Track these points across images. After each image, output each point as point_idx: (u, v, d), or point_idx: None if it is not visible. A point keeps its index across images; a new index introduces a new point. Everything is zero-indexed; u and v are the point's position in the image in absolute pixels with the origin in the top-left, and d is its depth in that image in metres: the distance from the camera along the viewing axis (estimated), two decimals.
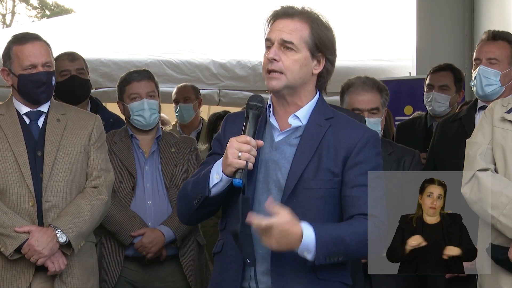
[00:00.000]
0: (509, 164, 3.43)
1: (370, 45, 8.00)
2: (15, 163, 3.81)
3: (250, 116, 2.80)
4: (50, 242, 3.73)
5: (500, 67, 4.25)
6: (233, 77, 7.42)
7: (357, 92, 4.04)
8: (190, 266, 4.47)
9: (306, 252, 2.69)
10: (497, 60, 4.25)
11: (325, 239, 2.70)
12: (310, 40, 2.84)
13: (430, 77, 5.31)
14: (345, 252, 2.73)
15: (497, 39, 4.29)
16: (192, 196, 2.88)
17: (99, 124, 4.04)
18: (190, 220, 3.05)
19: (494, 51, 4.27)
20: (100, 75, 7.08)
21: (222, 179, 2.80)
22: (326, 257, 2.70)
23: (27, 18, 32.27)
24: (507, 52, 4.27)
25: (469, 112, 4.41)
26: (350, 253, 2.75)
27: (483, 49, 4.31)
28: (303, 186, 2.81)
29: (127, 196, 4.44)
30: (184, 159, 4.55)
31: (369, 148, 2.85)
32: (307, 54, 2.85)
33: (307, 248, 2.69)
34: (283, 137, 2.89)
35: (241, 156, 2.73)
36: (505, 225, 3.37)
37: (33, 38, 3.92)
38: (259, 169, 2.84)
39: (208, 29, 8.23)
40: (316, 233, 2.69)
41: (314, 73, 2.89)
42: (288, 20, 2.85)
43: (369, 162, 2.84)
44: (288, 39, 2.82)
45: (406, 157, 4.16)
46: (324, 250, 2.69)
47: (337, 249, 2.71)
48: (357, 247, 2.75)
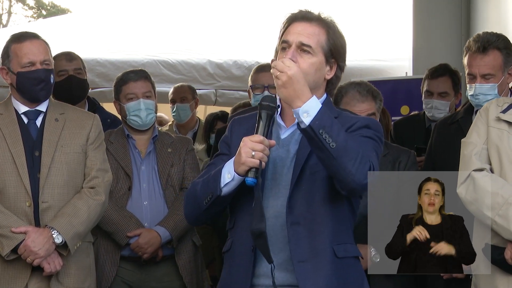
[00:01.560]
0: (504, 164, 3.44)
1: (366, 45, 7.99)
2: (13, 163, 3.82)
3: (263, 116, 2.82)
4: (46, 243, 3.73)
5: (496, 79, 4.08)
6: (229, 77, 7.41)
7: (353, 104, 4.01)
8: (186, 266, 4.47)
9: (306, 115, 2.70)
10: (491, 74, 4.07)
11: (328, 116, 2.72)
12: (326, 45, 2.90)
13: (429, 83, 5.22)
14: (338, 142, 2.69)
15: (487, 50, 4.05)
16: (202, 196, 2.90)
17: (98, 124, 4.04)
18: (198, 220, 3.06)
19: (487, 65, 4.05)
20: (96, 75, 7.07)
21: (234, 178, 2.83)
22: (321, 128, 2.69)
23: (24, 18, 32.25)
24: (499, 61, 4.08)
25: (466, 114, 4.38)
26: (342, 149, 2.70)
27: (474, 63, 4.08)
28: (309, 172, 2.85)
29: (123, 196, 4.44)
30: (181, 159, 4.55)
31: (366, 130, 2.88)
32: (322, 59, 2.90)
33: (309, 110, 2.70)
34: (289, 133, 2.93)
35: (255, 155, 2.76)
36: (500, 226, 3.37)
37: (32, 37, 3.94)
38: (267, 167, 2.87)
39: (204, 29, 8.22)
40: (323, 107, 2.73)
41: (326, 78, 2.95)
42: (307, 24, 2.90)
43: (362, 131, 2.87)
44: (306, 42, 2.87)
45: (402, 158, 4.15)
46: (322, 121, 2.69)
47: (335, 132, 2.70)
48: (348, 151, 2.70)
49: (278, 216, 2.85)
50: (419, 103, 5.52)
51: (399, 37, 7.92)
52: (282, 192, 2.87)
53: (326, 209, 2.85)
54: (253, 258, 2.85)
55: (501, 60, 4.08)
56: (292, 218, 2.83)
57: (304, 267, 2.81)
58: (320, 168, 2.82)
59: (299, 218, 2.84)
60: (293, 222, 2.83)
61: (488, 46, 4.06)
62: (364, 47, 7.89)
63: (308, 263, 2.81)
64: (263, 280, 2.86)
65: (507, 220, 3.34)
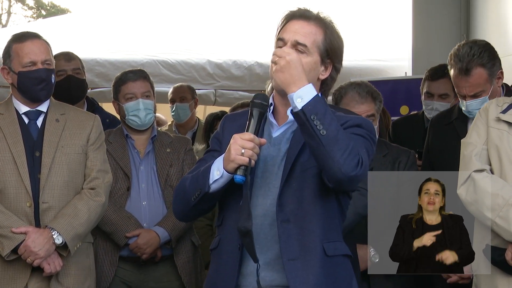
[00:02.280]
0: (505, 165, 3.43)
1: (366, 45, 7.99)
2: (13, 164, 3.82)
3: (255, 113, 2.81)
4: (47, 243, 3.73)
5: (485, 93, 4.04)
6: (229, 77, 7.41)
7: (352, 105, 3.97)
8: (185, 266, 4.47)
9: (300, 100, 2.69)
10: (481, 91, 4.02)
11: (322, 104, 2.71)
12: (323, 45, 2.87)
13: (429, 85, 5.20)
14: (329, 130, 2.68)
15: (470, 72, 3.97)
16: (190, 192, 2.89)
17: (98, 125, 4.04)
18: (186, 216, 3.05)
19: (473, 86, 4.01)
20: (96, 75, 7.07)
21: (223, 175, 2.81)
22: (313, 114, 2.67)
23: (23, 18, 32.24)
24: (484, 77, 4.00)
25: (460, 116, 4.37)
26: (332, 139, 2.68)
27: (461, 85, 4.03)
28: (300, 169, 2.83)
29: (122, 197, 4.44)
30: (179, 159, 4.55)
31: (357, 129, 2.86)
32: (317, 58, 2.88)
33: (303, 96, 2.69)
34: (281, 132, 2.91)
35: (245, 153, 2.75)
36: (501, 227, 3.37)
37: (33, 36, 3.94)
38: (257, 165, 2.86)
39: (204, 29, 8.22)
40: (317, 96, 2.71)
41: (320, 79, 2.92)
42: (304, 23, 2.88)
43: (354, 130, 2.84)
44: (302, 41, 2.85)
45: (401, 158, 4.15)
46: (315, 108, 2.68)
47: (327, 121, 2.68)
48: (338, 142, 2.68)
49: (267, 215, 2.84)
50: (418, 103, 5.51)
51: (398, 37, 7.92)
52: (271, 191, 2.85)
53: (316, 207, 2.83)
54: (240, 256, 2.84)
55: (486, 75, 4.01)
56: (282, 215, 2.82)
57: (294, 265, 2.80)
58: (310, 166, 2.81)
59: (290, 216, 2.82)
60: (284, 220, 2.81)
61: (471, 66, 3.98)
62: (363, 47, 7.89)
63: (298, 261, 2.80)
64: (249, 279, 2.84)
65: (508, 222, 3.34)
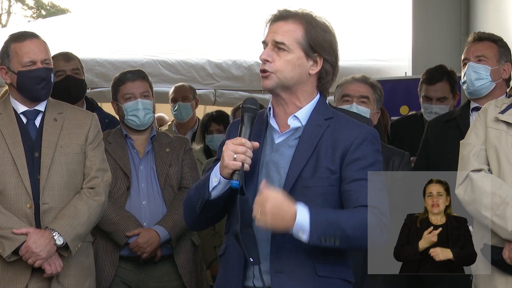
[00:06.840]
0: (503, 165, 3.44)
1: (366, 45, 8.00)
2: (13, 164, 3.81)
3: (245, 119, 2.86)
4: (48, 244, 3.73)
5: (489, 63, 4.28)
6: (228, 77, 7.42)
7: (348, 81, 4.18)
8: (185, 265, 4.47)
9: (301, 232, 2.71)
10: (485, 57, 4.29)
11: (320, 219, 2.72)
12: (304, 40, 2.88)
13: (427, 88, 5.20)
14: (341, 236, 2.72)
15: (483, 40, 4.34)
16: (195, 201, 2.93)
17: (96, 123, 4.04)
18: (196, 225, 3.10)
19: (481, 50, 4.31)
20: (95, 75, 7.08)
21: (220, 181, 2.85)
22: (321, 238, 2.70)
23: (23, 18, 32.28)
24: (494, 50, 4.31)
25: (463, 112, 4.40)
26: (347, 238, 2.73)
27: (470, 49, 4.36)
28: (302, 185, 2.84)
29: (122, 196, 4.44)
30: (179, 159, 4.55)
31: (366, 145, 2.87)
32: (300, 54, 2.89)
33: (302, 227, 2.71)
34: (283, 139, 2.92)
35: (237, 158, 2.78)
36: (498, 226, 3.37)
37: (32, 36, 3.93)
38: (260, 171, 2.89)
39: (203, 29, 8.23)
40: (311, 213, 2.72)
41: (311, 73, 2.92)
42: (282, 23, 2.91)
43: (367, 158, 2.86)
44: (279, 40, 2.88)
45: (395, 157, 4.16)
46: (319, 230, 2.70)
47: (333, 232, 2.71)
48: (354, 233, 2.73)
49: None
50: (418, 103, 5.50)
51: (398, 37, 7.93)
52: None
53: None
54: (244, 260, 2.85)
55: (495, 49, 4.29)
56: None
57: (280, 278, 2.81)
58: (312, 185, 2.83)
59: None
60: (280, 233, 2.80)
61: (484, 37, 4.32)
62: (363, 47, 7.90)
63: (284, 275, 2.81)
64: (256, 281, 2.85)
65: (505, 220, 3.35)
